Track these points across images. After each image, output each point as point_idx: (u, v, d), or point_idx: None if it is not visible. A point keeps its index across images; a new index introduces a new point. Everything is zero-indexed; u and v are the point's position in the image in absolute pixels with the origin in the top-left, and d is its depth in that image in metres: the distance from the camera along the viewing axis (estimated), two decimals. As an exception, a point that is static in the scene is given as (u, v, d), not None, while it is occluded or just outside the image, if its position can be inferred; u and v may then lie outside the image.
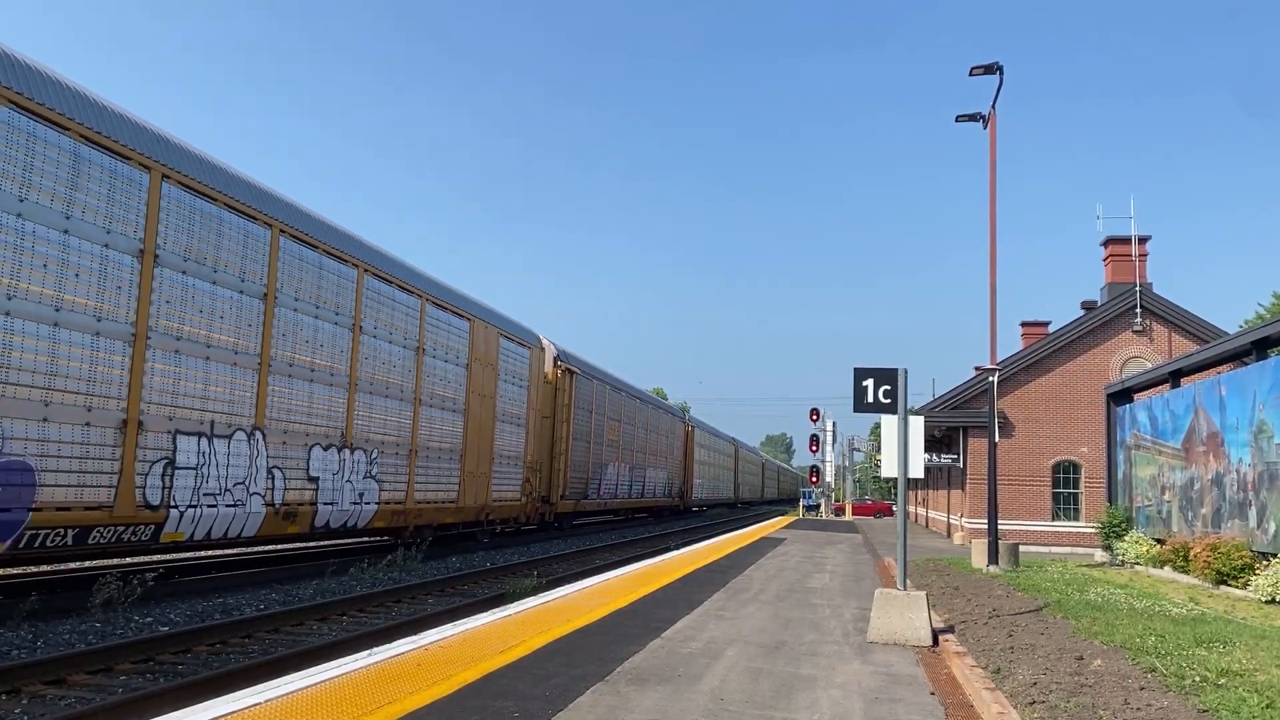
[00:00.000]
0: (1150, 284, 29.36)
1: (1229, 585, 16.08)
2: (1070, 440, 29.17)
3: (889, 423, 10.34)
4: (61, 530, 10.82)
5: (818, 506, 55.88)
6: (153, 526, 12.18)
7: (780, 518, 48.95)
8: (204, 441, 13.12)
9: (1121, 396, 25.17)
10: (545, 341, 28.78)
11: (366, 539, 21.16)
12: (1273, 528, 15.54)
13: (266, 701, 5.86)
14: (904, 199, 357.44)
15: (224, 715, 5.52)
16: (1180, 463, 20.22)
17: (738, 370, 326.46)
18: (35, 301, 10.58)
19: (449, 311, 21.33)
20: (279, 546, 20.12)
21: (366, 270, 17.69)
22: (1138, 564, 20.89)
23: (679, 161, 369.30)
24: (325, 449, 16.10)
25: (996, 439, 20.48)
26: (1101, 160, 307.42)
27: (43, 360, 10.62)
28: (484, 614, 9.96)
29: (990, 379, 21.14)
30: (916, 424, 10.29)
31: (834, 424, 58.87)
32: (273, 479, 14.62)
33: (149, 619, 11.56)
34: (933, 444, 32.79)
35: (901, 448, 10.07)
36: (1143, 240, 29.48)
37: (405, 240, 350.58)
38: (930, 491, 43.17)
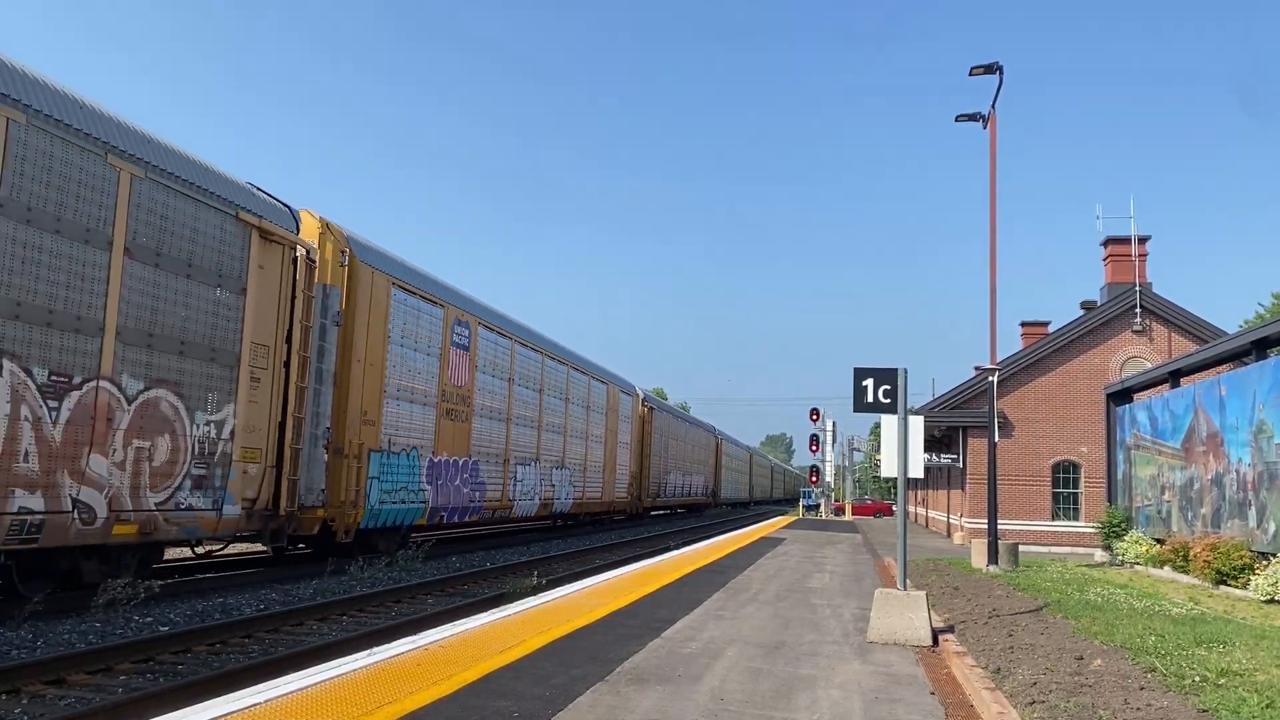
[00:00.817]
0: (1150, 284, 29.38)
1: (1229, 585, 16.09)
2: (1070, 440, 29.18)
3: (889, 423, 10.35)
4: (489, 511, 23.37)
5: (818, 506, 55.90)
6: (509, 508, 24.44)
7: (780, 517, 48.95)
8: (523, 468, 25.73)
9: (1121, 396, 25.18)
10: (638, 389, 41.93)
11: (563, 520, 33.58)
12: (1272, 528, 15.54)
13: (266, 701, 5.86)
14: (904, 198, 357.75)
15: (224, 715, 5.52)
16: (1180, 463, 20.23)
17: (738, 370, 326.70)
18: (506, 418, 24.94)
19: (597, 380, 34.00)
20: (278, 545, 20.11)
21: (551, 357, 28.76)
22: (1137, 564, 20.90)
23: (679, 161, 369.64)
24: (557, 468, 28.98)
25: (996, 439, 20.49)
26: (1101, 159, 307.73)
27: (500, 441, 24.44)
28: (484, 614, 9.97)
29: (990, 379, 21.15)
30: (916, 424, 10.30)
31: (834, 424, 58.94)
32: (541, 485, 27.35)
33: (149, 619, 11.55)
34: (933, 444, 32.81)
35: (901, 448, 10.07)
36: (1142, 240, 29.51)
37: (406, 240, 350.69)
38: (930, 491, 43.18)
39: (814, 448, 54.03)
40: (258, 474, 14.22)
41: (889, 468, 10.30)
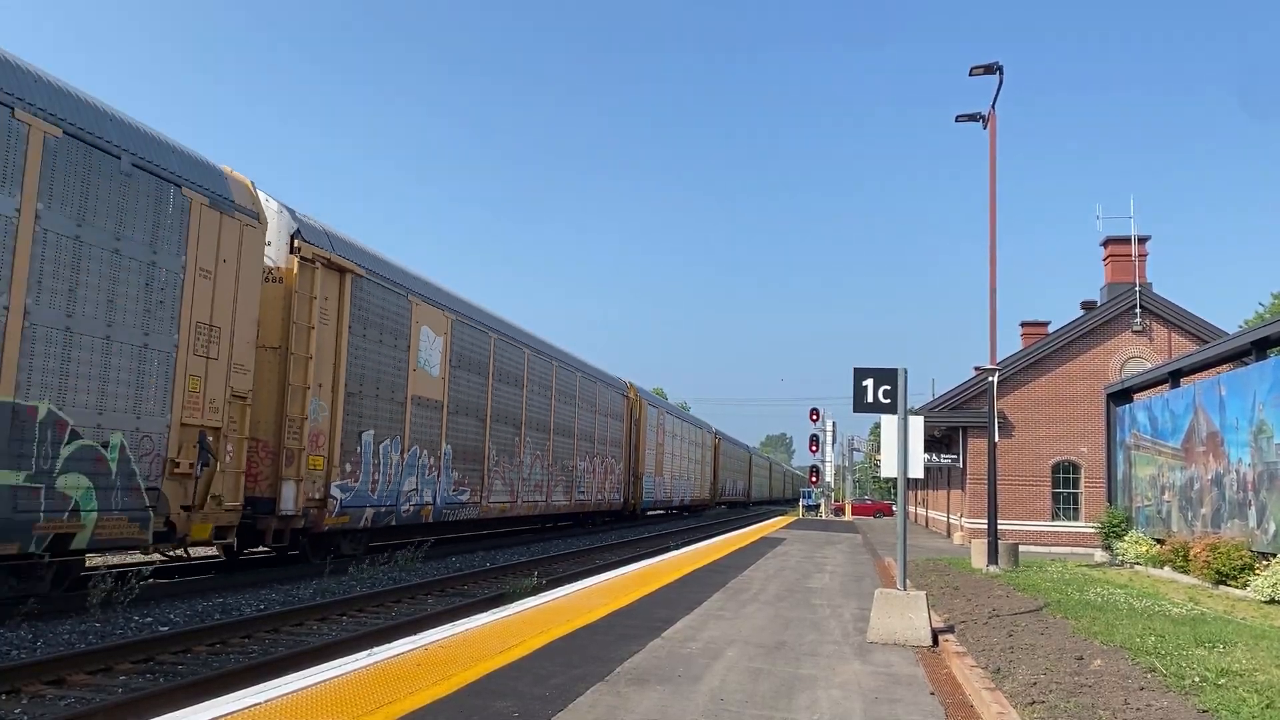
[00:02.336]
0: (1150, 284, 29.37)
1: (1229, 585, 16.08)
2: (1070, 440, 29.18)
3: (889, 423, 10.35)
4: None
5: (818, 506, 55.89)
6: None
7: (780, 518, 48.95)
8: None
9: (1121, 396, 25.18)
10: (714, 429, 62.47)
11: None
12: (1272, 528, 15.54)
13: (267, 701, 5.86)
14: (904, 198, 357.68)
15: (224, 715, 5.52)
16: (1180, 463, 20.23)
17: (738, 370, 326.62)
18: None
19: (687, 424, 52.59)
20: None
21: (650, 405, 40.99)
22: (1137, 564, 20.90)
23: (679, 161, 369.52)
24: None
25: (996, 439, 20.49)
26: (1101, 160, 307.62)
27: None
28: (484, 614, 9.97)
29: (990, 379, 21.15)
30: (916, 424, 10.30)
31: (834, 424, 58.90)
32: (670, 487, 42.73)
33: (149, 619, 11.56)
34: (933, 444, 32.81)
35: (901, 448, 10.07)
36: (1142, 240, 29.50)
37: (406, 242, 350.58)
38: (930, 491, 43.18)
39: (814, 448, 54.03)
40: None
41: (889, 468, 10.30)
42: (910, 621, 9.21)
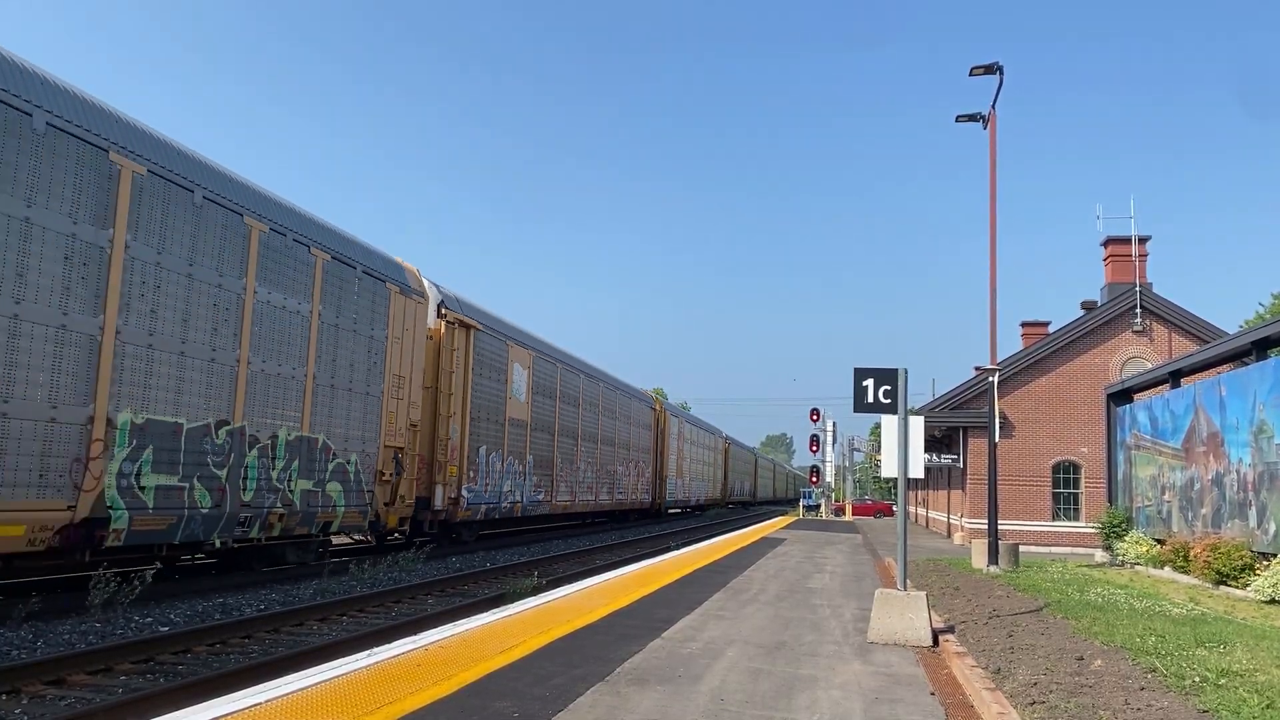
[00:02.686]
0: (1150, 284, 29.36)
1: (1229, 585, 16.07)
2: (1070, 440, 29.16)
3: (889, 423, 10.34)
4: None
5: (818, 506, 55.87)
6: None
7: (780, 518, 48.93)
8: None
9: (1121, 396, 25.17)
10: (724, 434, 66.57)
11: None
12: (1273, 528, 15.53)
13: (267, 701, 5.86)
14: (904, 199, 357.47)
15: (224, 715, 5.52)
16: (1180, 463, 20.22)
17: (738, 370, 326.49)
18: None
19: (702, 430, 56.45)
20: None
21: (673, 416, 47.44)
22: (1138, 564, 20.89)
23: (680, 161, 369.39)
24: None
25: (996, 439, 20.48)
26: (1102, 160, 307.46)
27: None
28: (484, 614, 9.96)
29: (990, 379, 21.13)
30: (916, 424, 10.29)
31: (834, 424, 58.91)
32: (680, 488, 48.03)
33: (149, 619, 11.55)
34: (933, 444, 32.79)
35: (901, 448, 10.07)
36: (1143, 240, 29.48)
37: (404, 240, 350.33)
38: (930, 491, 43.17)
39: (814, 448, 54.02)
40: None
41: (889, 468, 10.29)
42: (910, 621, 9.21)
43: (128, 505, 12.01)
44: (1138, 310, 29.04)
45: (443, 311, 21.38)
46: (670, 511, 49.85)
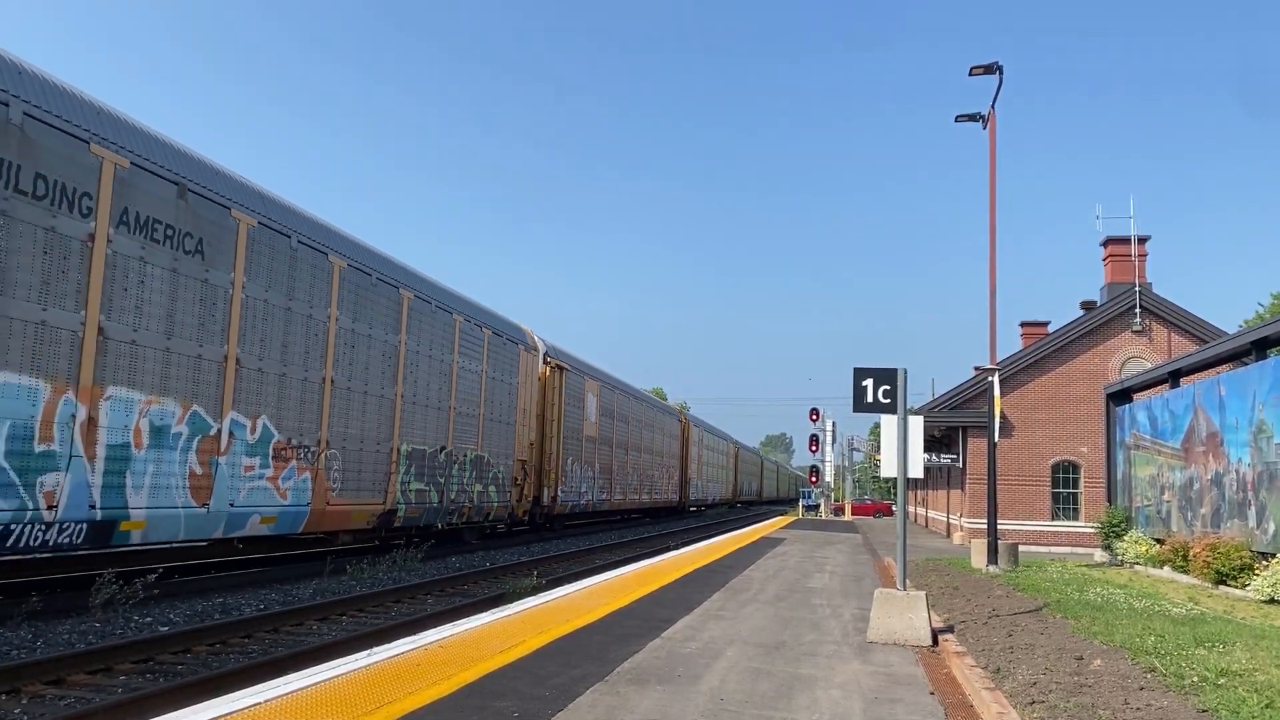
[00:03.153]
0: (1150, 284, 29.37)
1: (1228, 585, 16.08)
2: (1070, 440, 29.17)
3: (889, 423, 10.35)
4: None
5: (817, 506, 55.88)
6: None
7: (780, 517, 48.95)
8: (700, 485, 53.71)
9: (1121, 396, 25.18)
10: (734, 439, 74.78)
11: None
12: (1272, 528, 15.54)
13: (266, 701, 5.86)
14: (904, 199, 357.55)
15: (224, 715, 5.52)
16: (1180, 463, 20.23)
17: (738, 370, 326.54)
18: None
19: (717, 437, 64.16)
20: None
21: (694, 426, 54.10)
22: (1137, 564, 20.90)
23: (680, 161, 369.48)
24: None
25: (996, 439, 20.49)
26: (1102, 160, 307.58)
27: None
28: (484, 614, 9.97)
29: (990, 379, 21.14)
30: (916, 424, 10.30)
31: (834, 424, 58.91)
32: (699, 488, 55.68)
33: (149, 619, 11.56)
34: (932, 444, 32.79)
35: (901, 448, 10.07)
36: (1142, 240, 29.48)
37: (405, 236, 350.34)
38: (930, 491, 43.17)
39: (814, 448, 54.00)
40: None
41: (889, 468, 10.29)
42: (910, 621, 9.21)
43: (404, 502, 18.85)
44: (1137, 310, 29.05)
45: (547, 359, 28.40)
46: (690, 509, 56.22)
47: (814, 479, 55.70)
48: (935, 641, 9.13)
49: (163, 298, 12.33)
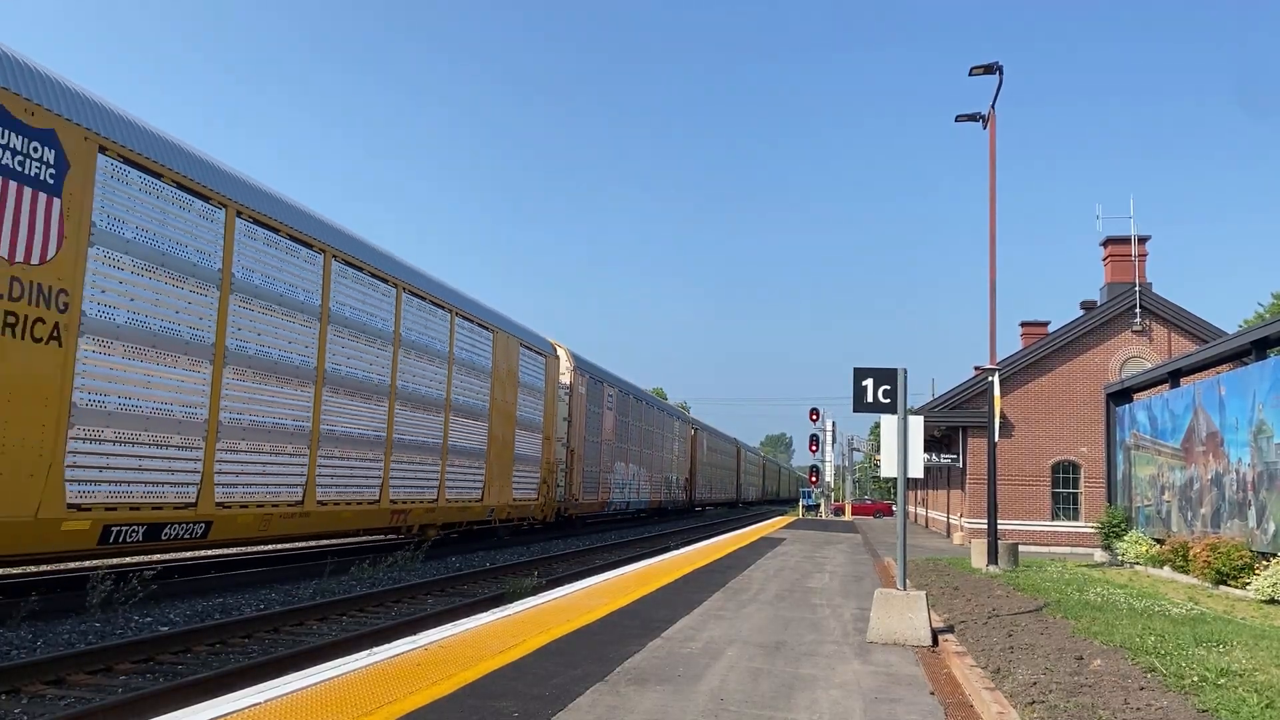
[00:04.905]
0: (1150, 284, 29.36)
1: (1228, 585, 16.08)
2: (1070, 440, 29.17)
3: (889, 423, 10.34)
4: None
5: (817, 506, 55.88)
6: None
7: (780, 518, 48.95)
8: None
9: (1121, 396, 25.18)
10: (737, 441, 75.70)
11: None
12: (1272, 528, 15.54)
13: (266, 701, 5.86)
14: (904, 199, 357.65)
15: (224, 715, 5.52)
16: (1180, 463, 20.23)
17: (738, 370, 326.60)
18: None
19: (722, 440, 68.87)
20: (278, 548, 20.14)
21: (702, 431, 58.67)
22: (1137, 564, 20.90)
23: (680, 161, 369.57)
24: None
25: (996, 439, 20.49)
26: (1101, 161, 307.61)
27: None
28: (484, 614, 9.97)
29: (990, 379, 21.14)
30: (916, 424, 10.29)
31: (834, 424, 58.90)
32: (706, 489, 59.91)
33: (149, 619, 11.56)
34: (932, 444, 32.77)
35: (901, 448, 10.07)
36: (1142, 240, 29.47)
37: (404, 235, 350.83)
38: (930, 491, 43.17)
39: (814, 448, 54.01)
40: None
41: (889, 468, 10.29)
42: (910, 621, 9.21)
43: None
44: (1137, 310, 29.04)
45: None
46: (696, 509, 59.33)
47: (814, 479, 55.70)
48: (935, 641, 9.13)
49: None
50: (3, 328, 9.95)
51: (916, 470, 10.21)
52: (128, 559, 15.69)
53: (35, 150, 10.43)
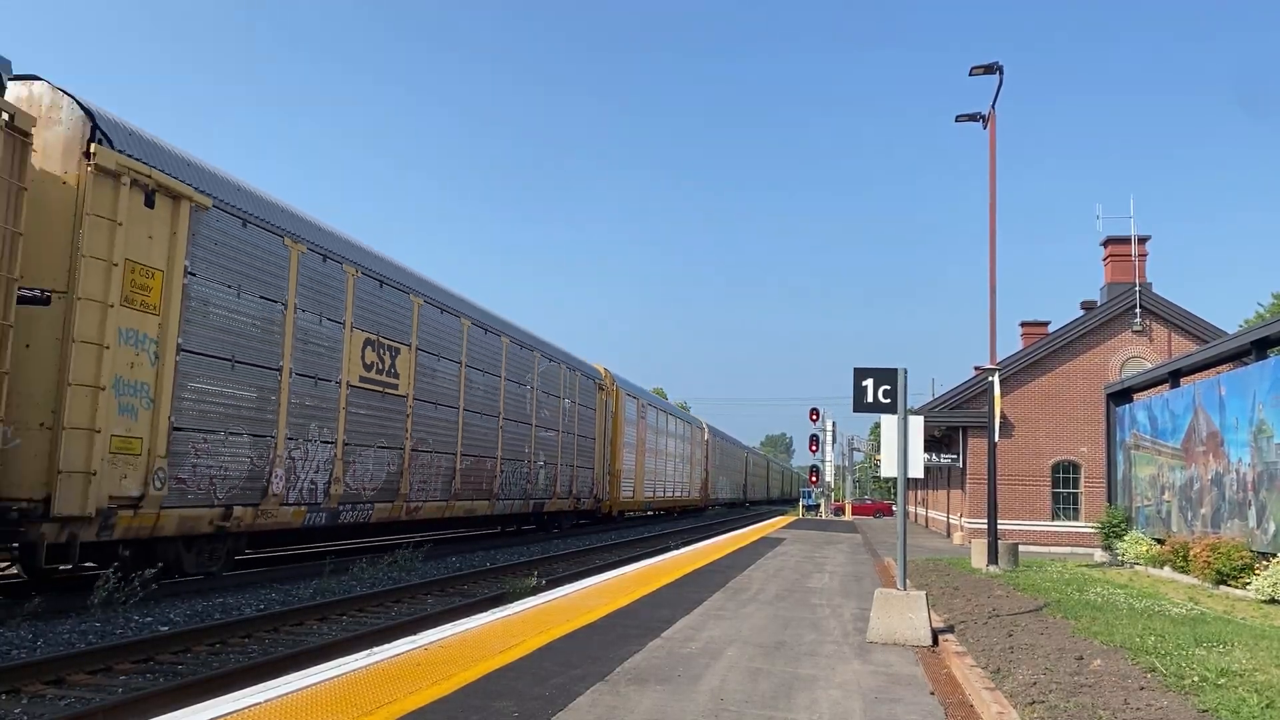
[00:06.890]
0: (1150, 284, 29.35)
1: (1228, 585, 16.08)
2: (1070, 440, 29.16)
3: (889, 423, 10.35)
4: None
5: (817, 506, 55.89)
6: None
7: (780, 517, 48.96)
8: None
9: (1121, 396, 25.18)
10: (744, 445, 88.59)
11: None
12: (1272, 528, 15.54)
13: (266, 701, 5.87)
14: (904, 199, 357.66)
15: (224, 715, 5.52)
16: (1180, 463, 20.23)
17: (738, 370, 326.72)
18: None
19: (731, 444, 76.19)
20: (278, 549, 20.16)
21: (714, 435, 64.14)
22: (1137, 564, 20.90)
23: (680, 161, 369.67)
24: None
25: (996, 439, 20.48)
26: (1101, 161, 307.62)
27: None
28: (484, 614, 9.97)
29: (990, 379, 21.14)
30: (916, 424, 10.30)
31: (834, 424, 58.91)
32: (716, 490, 65.49)
33: (149, 619, 11.56)
34: (932, 444, 32.78)
35: (901, 448, 10.07)
36: (1142, 240, 29.47)
37: (406, 244, 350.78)
38: (930, 491, 43.17)
39: (814, 448, 54.02)
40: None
41: (889, 468, 10.29)
42: (910, 621, 9.21)
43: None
44: (1137, 310, 29.04)
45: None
46: (709, 508, 62.66)
47: (814, 479, 55.71)
48: (935, 641, 9.13)
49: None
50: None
51: (916, 470, 10.21)
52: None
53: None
